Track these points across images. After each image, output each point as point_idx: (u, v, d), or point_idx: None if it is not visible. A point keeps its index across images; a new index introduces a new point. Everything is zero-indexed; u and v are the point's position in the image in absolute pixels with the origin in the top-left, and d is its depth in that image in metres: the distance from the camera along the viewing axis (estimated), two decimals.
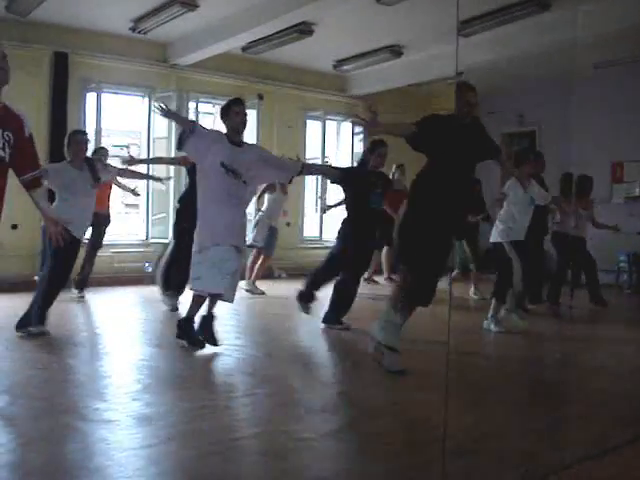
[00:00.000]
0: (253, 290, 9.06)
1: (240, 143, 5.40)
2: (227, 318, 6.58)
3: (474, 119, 4.98)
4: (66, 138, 6.29)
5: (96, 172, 6.18)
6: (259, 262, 9.28)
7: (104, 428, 3.36)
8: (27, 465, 2.85)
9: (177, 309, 7.09)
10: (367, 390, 4.37)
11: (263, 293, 9.07)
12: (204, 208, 5.29)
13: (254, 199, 8.13)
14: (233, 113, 5.37)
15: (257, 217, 9.27)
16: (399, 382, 4.56)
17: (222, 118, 5.46)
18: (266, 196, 9.33)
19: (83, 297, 8.00)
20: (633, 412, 3.89)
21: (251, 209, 8.82)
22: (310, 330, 6.53)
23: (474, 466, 2.93)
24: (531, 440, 3.31)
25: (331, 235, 12.51)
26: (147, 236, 10.38)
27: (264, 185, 8.91)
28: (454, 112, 4.90)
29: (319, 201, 12.54)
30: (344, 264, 6.45)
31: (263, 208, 9.34)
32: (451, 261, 8.71)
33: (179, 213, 7.22)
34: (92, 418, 3.51)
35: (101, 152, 8.30)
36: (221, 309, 5.59)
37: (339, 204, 7.47)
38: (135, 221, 11.03)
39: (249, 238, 8.35)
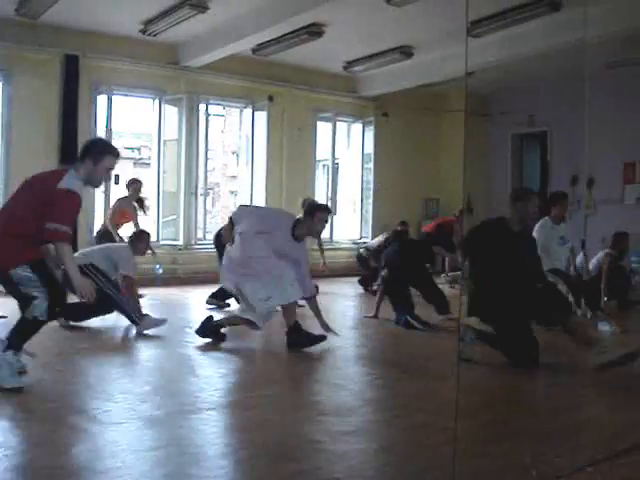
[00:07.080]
0: None
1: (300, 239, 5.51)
2: None
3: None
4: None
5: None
6: None
7: (113, 430, 3.36)
8: (36, 467, 2.84)
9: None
10: (380, 392, 4.35)
11: None
12: None
13: None
14: (317, 219, 5.46)
15: None
16: (413, 384, 4.55)
17: (305, 215, 5.54)
18: None
19: None
20: None
21: None
22: (322, 331, 6.48)
23: (485, 468, 2.91)
24: (542, 442, 3.28)
25: (342, 236, 12.55)
26: (158, 238, 10.38)
27: None
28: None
29: (329, 203, 12.50)
30: None
31: None
32: None
33: None
34: (101, 420, 3.51)
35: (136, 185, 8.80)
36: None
37: None
38: (145, 223, 11.01)
39: None
